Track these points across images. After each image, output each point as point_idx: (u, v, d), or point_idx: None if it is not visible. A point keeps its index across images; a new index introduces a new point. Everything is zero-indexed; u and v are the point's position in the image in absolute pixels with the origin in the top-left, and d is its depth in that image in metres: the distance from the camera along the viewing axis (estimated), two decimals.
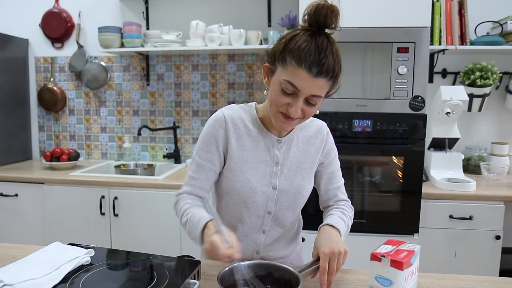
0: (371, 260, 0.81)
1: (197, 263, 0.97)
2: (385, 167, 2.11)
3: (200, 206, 1.06)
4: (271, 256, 1.15)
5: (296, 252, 1.23)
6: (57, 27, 2.85)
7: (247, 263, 0.92)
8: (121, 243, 2.31)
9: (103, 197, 2.29)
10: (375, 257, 0.80)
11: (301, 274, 0.88)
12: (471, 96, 2.28)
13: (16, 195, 2.40)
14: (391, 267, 0.78)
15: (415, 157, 1.99)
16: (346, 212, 1.13)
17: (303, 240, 1.36)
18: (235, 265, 0.89)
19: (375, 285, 0.81)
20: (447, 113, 2.12)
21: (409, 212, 2.01)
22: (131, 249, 1.11)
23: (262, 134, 1.08)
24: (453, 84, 2.50)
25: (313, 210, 1.26)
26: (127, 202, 2.28)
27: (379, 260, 0.79)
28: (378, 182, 2.12)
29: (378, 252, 0.80)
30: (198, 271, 0.96)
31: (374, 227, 2.06)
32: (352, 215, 1.16)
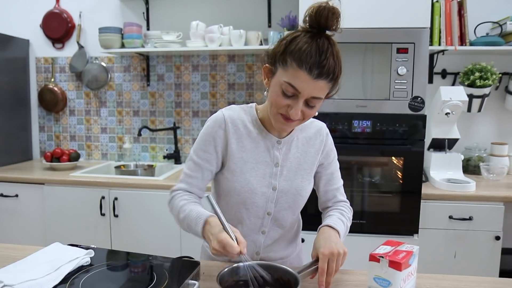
0: (369, 261, 0.81)
1: (197, 263, 0.97)
2: (384, 167, 2.11)
3: (197, 203, 1.06)
4: (271, 257, 1.15)
5: (296, 252, 1.24)
6: (58, 27, 2.85)
7: (246, 264, 0.92)
8: (121, 243, 2.31)
9: (103, 197, 2.29)
10: (373, 257, 0.80)
11: (300, 275, 0.88)
12: (471, 97, 2.29)
13: (17, 195, 2.41)
14: (389, 268, 0.78)
15: (415, 157, 2.00)
16: (345, 213, 1.14)
17: (303, 241, 1.36)
18: (234, 265, 0.90)
19: (373, 286, 0.81)
20: (447, 114, 2.12)
21: (409, 213, 2.01)
22: (131, 250, 1.12)
23: (262, 135, 1.09)
24: (453, 84, 2.50)
25: (313, 211, 1.26)
26: (127, 202, 2.28)
27: (377, 261, 0.80)
28: (377, 183, 2.12)
29: (377, 252, 0.81)
30: (198, 271, 0.96)
31: (373, 227, 2.06)
32: (351, 216, 1.17)
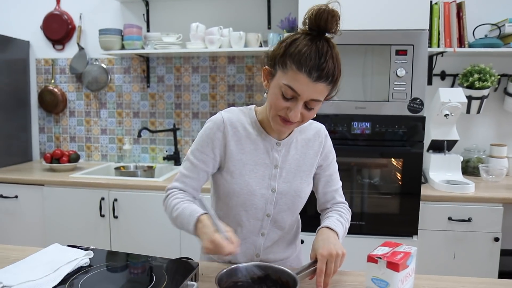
0: (367, 262, 0.82)
1: (196, 265, 0.98)
2: (384, 169, 2.11)
3: (190, 201, 1.06)
4: (270, 258, 1.15)
5: (295, 254, 1.24)
6: (58, 29, 2.86)
7: (244, 265, 0.92)
8: (120, 245, 2.31)
9: (103, 199, 2.29)
10: (371, 259, 0.81)
11: (299, 276, 0.89)
12: (470, 98, 2.29)
13: (16, 196, 2.41)
14: (387, 269, 0.78)
15: (414, 159, 2.00)
16: (344, 215, 1.14)
17: (302, 242, 1.37)
18: (233, 266, 0.90)
19: (371, 287, 0.81)
20: (446, 115, 2.12)
21: (408, 214, 2.02)
22: (130, 251, 1.12)
23: (262, 137, 1.09)
24: (452, 86, 2.51)
25: (312, 213, 1.26)
26: (127, 204, 2.29)
27: (375, 262, 0.80)
28: (377, 184, 2.12)
29: (375, 254, 0.81)
30: (197, 272, 0.97)
31: (373, 229, 2.06)
32: (350, 217, 1.17)
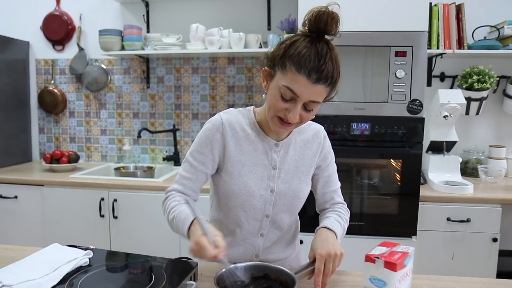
0: (365, 262, 0.82)
1: (195, 264, 0.98)
2: (383, 170, 2.12)
3: (188, 205, 1.05)
4: (270, 259, 1.15)
5: (294, 254, 1.24)
6: (58, 29, 2.87)
7: (243, 265, 0.93)
8: (120, 245, 2.31)
9: (102, 199, 2.29)
10: (369, 258, 0.81)
11: (297, 276, 0.89)
12: (469, 100, 2.30)
13: (16, 197, 2.41)
14: (385, 269, 0.79)
15: (413, 160, 2.00)
16: (343, 215, 1.14)
17: (301, 242, 1.37)
18: (231, 266, 0.91)
19: (369, 286, 0.82)
20: (445, 117, 2.13)
21: (407, 215, 2.02)
22: (130, 251, 1.12)
23: (260, 137, 1.09)
24: (451, 87, 2.51)
25: (311, 213, 1.27)
26: (127, 204, 2.29)
27: (373, 262, 0.80)
28: (376, 185, 2.13)
29: (372, 253, 0.82)
30: (196, 272, 0.97)
31: (372, 229, 2.07)
32: (348, 217, 1.17)
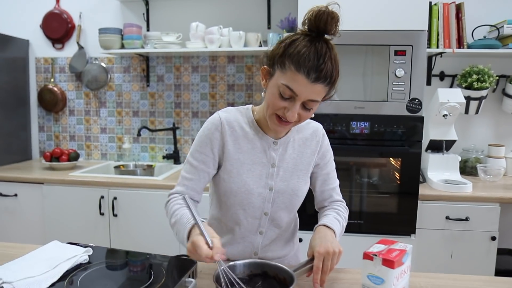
0: (363, 259, 0.83)
1: (194, 262, 0.98)
2: (382, 168, 2.12)
3: (189, 208, 1.05)
4: (268, 256, 1.16)
5: (293, 252, 1.25)
6: (58, 28, 2.87)
7: (242, 262, 0.93)
8: (120, 243, 2.32)
9: (102, 197, 2.30)
10: (367, 256, 0.82)
11: (296, 273, 0.89)
12: (468, 99, 2.30)
13: (16, 195, 2.41)
14: (382, 266, 0.79)
15: (412, 158, 2.01)
16: (341, 213, 1.15)
17: (300, 240, 1.37)
18: (230, 264, 0.91)
19: (367, 283, 0.82)
20: (444, 116, 2.13)
21: (406, 213, 2.02)
22: (130, 249, 1.12)
23: (259, 136, 1.10)
24: (451, 86, 2.51)
25: (311, 211, 1.27)
26: (126, 202, 2.29)
27: (371, 259, 0.81)
28: (375, 184, 2.13)
29: (370, 251, 0.82)
30: (195, 270, 0.97)
31: (371, 228, 2.07)
32: (347, 215, 1.18)
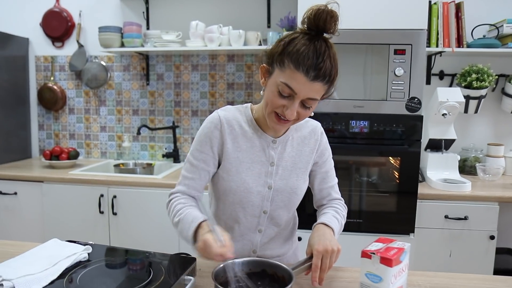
0: (361, 257, 0.83)
1: (193, 260, 0.99)
2: (382, 167, 2.13)
3: (194, 206, 1.05)
4: (267, 255, 1.16)
5: (292, 250, 1.25)
6: (58, 26, 2.87)
7: (241, 260, 0.93)
8: (119, 241, 2.32)
9: (102, 195, 2.30)
10: (365, 254, 0.82)
11: (294, 271, 0.90)
12: (468, 98, 2.30)
13: (15, 193, 2.42)
14: (380, 264, 0.79)
15: (412, 158, 2.01)
16: (340, 211, 1.15)
17: (299, 239, 1.38)
18: (229, 262, 0.91)
19: (365, 282, 0.83)
20: (444, 115, 2.13)
21: (405, 212, 2.03)
22: (129, 247, 1.13)
23: (258, 134, 1.10)
24: (450, 86, 2.52)
25: (310, 210, 1.27)
26: (126, 200, 2.30)
27: (369, 257, 0.81)
28: (375, 182, 2.13)
29: (369, 249, 0.82)
30: (194, 268, 0.98)
31: (370, 227, 2.07)
32: (346, 213, 1.18)
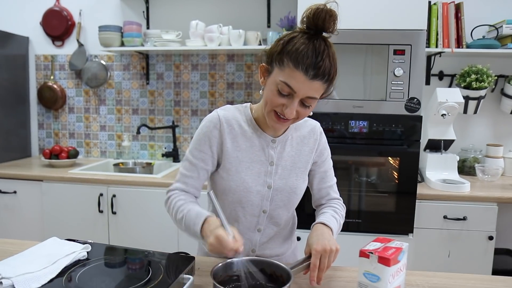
0: (359, 257, 0.83)
1: (192, 259, 0.99)
2: (381, 167, 2.13)
3: (194, 203, 1.07)
4: (266, 254, 1.16)
5: (291, 250, 1.25)
6: (58, 25, 2.87)
7: (240, 259, 0.93)
8: (119, 240, 2.32)
9: (101, 194, 2.31)
10: (363, 253, 0.82)
11: (293, 271, 0.90)
12: (467, 99, 2.31)
13: (15, 192, 2.42)
14: (378, 264, 0.80)
15: (411, 158, 2.01)
16: (338, 211, 1.15)
17: (299, 239, 1.38)
18: (228, 261, 0.92)
19: (363, 281, 0.83)
20: (443, 115, 2.14)
21: (404, 213, 2.03)
22: (128, 246, 1.13)
23: (257, 134, 1.10)
24: (450, 86, 2.52)
25: (309, 210, 1.28)
26: (125, 200, 2.30)
27: (367, 257, 0.81)
28: (374, 183, 2.13)
29: (367, 249, 0.83)
30: (193, 266, 0.98)
31: (369, 227, 2.08)
32: (344, 213, 1.18)
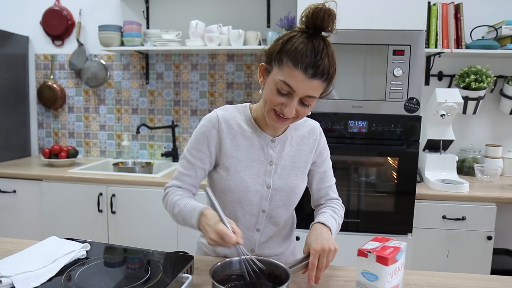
0: (358, 256, 0.84)
1: (191, 258, 0.99)
2: (380, 167, 2.13)
3: (191, 197, 1.08)
4: (265, 253, 1.16)
5: (290, 249, 1.25)
6: (58, 24, 2.87)
7: (238, 259, 0.94)
8: (118, 240, 2.32)
9: (101, 194, 2.31)
10: (361, 253, 0.83)
11: (291, 270, 0.90)
12: (466, 99, 2.31)
13: (14, 191, 2.42)
14: (376, 263, 0.80)
15: (410, 158, 2.02)
16: (337, 211, 1.15)
17: (298, 239, 1.38)
18: (227, 260, 0.92)
19: (361, 280, 0.83)
20: (442, 115, 2.14)
21: (403, 213, 2.04)
22: (128, 245, 1.13)
23: (256, 133, 1.10)
24: (449, 86, 2.52)
25: (309, 210, 1.28)
26: (125, 199, 2.30)
27: (365, 256, 0.82)
28: (373, 183, 2.14)
29: (365, 248, 0.83)
30: (192, 266, 0.98)
31: (368, 226, 2.08)
32: (343, 213, 1.18)
